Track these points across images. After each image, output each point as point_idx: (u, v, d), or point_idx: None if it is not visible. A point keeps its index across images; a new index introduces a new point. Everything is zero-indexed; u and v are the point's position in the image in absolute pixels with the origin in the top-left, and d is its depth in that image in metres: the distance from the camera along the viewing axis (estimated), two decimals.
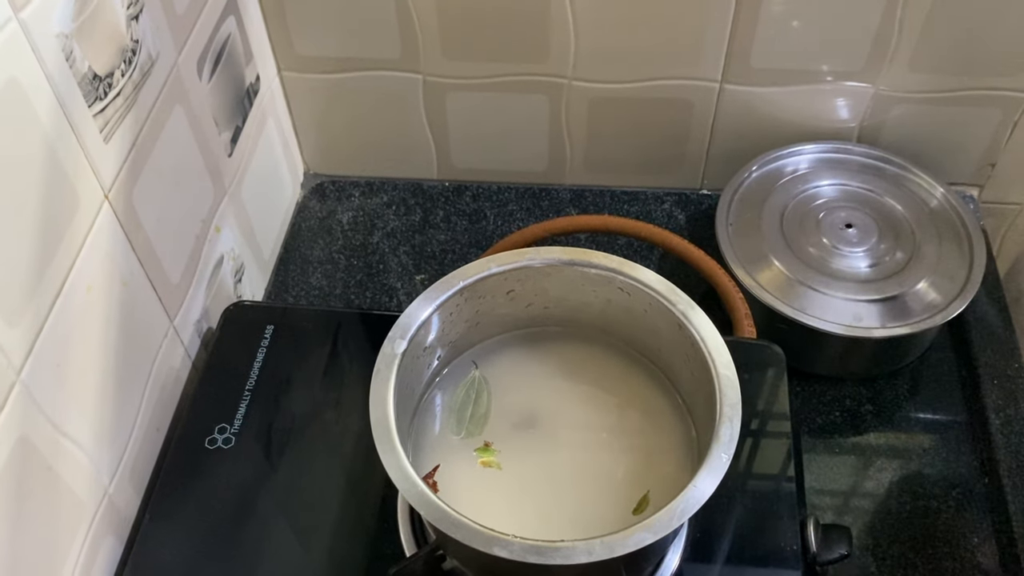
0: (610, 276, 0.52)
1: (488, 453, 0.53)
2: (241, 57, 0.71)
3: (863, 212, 0.74)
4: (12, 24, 0.44)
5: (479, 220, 0.85)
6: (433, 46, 0.76)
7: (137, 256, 0.57)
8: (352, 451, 0.60)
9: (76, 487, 0.52)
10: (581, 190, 0.87)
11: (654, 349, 0.55)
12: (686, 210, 0.85)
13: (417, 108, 0.82)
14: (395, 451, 0.46)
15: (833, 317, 0.68)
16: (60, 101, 0.48)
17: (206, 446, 0.60)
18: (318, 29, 0.76)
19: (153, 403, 0.60)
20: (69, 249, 0.50)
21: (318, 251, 0.83)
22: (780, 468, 0.59)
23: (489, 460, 0.53)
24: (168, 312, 0.62)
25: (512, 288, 0.54)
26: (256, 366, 0.63)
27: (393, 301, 0.79)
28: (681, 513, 0.43)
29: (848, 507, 0.67)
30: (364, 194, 0.87)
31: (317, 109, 0.83)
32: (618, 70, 0.77)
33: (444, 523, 0.43)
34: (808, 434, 0.70)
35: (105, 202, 0.53)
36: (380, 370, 0.49)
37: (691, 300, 0.50)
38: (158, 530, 0.57)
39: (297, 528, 0.57)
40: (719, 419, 0.46)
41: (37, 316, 0.47)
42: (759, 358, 0.63)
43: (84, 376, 0.52)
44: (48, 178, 0.47)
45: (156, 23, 0.57)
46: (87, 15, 0.49)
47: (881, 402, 0.72)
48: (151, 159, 0.58)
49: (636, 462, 0.52)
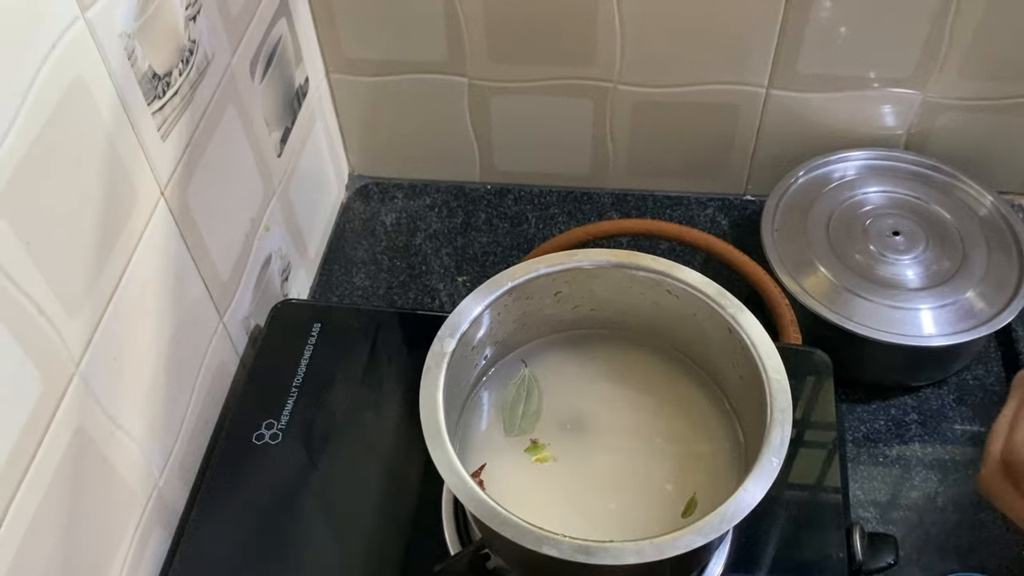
0: (658, 279, 0.53)
1: (539, 450, 0.53)
2: (291, 59, 0.72)
3: (911, 220, 0.73)
4: (79, 23, 0.45)
5: (521, 223, 0.86)
6: (480, 49, 0.77)
7: (190, 253, 0.58)
8: (396, 449, 0.61)
9: (129, 478, 0.53)
10: (623, 194, 0.87)
11: (701, 353, 0.54)
12: (729, 215, 0.84)
13: (461, 111, 0.82)
14: (445, 447, 0.46)
15: (879, 325, 0.68)
16: (121, 99, 0.49)
17: (253, 441, 0.60)
18: (366, 32, 0.77)
19: (202, 398, 0.61)
20: (127, 244, 0.51)
21: (362, 252, 0.84)
22: (826, 476, 0.59)
23: (543, 456, 0.53)
24: (218, 309, 0.63)
25: (560, 289, 0.55)
26: (303, 363, 0.64)
27: (435, 302, 0.80)
28: (731, 516, 0.43)
29: (892, 517, 0.66)
30: (407, 196, 0.88)
31: (363, 111, 0.84)
32: (664, 74, 0.77)
33: (494, 521, 0.44)
34: (852, 443, 0.70)
35: (161, 199, 0.54)
36: (430, 368, 0.50)
37: (741, 304, 0.50)
38: (206, 523, 0.58)
39: (341, 524, 0.58)
40: (769, 423, 0.46)
41: (95, 309, 0.48)
42: (805, 365, 0.63)
43: (138, 370, 0.53)
44: (109, 174, 0.48)
45: (212, 24, 0.58)
46: (149, 15, 0.50)
47: (926, 411, 0.71)
48: (205, 157, 0.59)
49: (682, 465, 0.52)
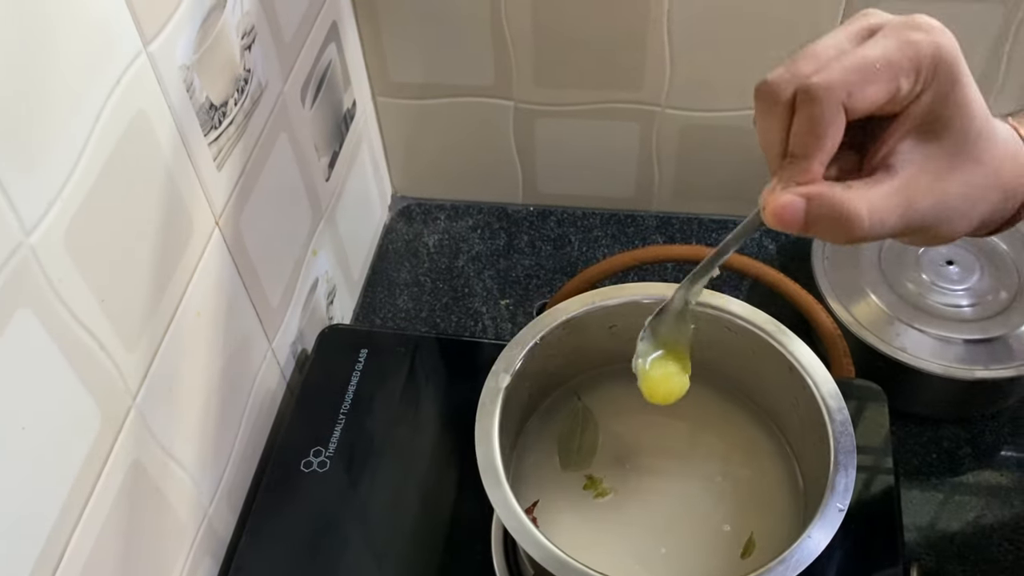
0: (716, 314, 0.52)
1: (597, 484, 0.53)
2: (340, 83, 0.72)
3: (965, 249, 0.72)
4: (141, 58, 0.45)
5: (564, 246, 0.85)
6: (526, 73, 0.76)
7: (242, 280, 0.58)
8: (444, 476, 0.60)
9: (180, 509, 0.53)
10: (668, 217, 0.86)
11: (759, 390, 0.54)
12: (776, 240, 0.83)
13: (506, 134, 0.82)
14: (502, 486, 0.46)
15: (932, 356, 0.67)
16: (180, 131, 0.49)
17: (301, 469, 0.60)
18: (412, 55, 0.77)
19: (251, 425, 0.61)
20: (183, 275, 0.51)
21: (404, 274, 0.83)
22: (882, 511, 0.58)
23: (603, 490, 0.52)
24: (267, 335, 0.63)
25: (615, 323, 0.54)
26: (351, 390, 0.64)
27: (478, 325, 0.79)
28: (796, 564, 0.42)
29: (947, 553, 0.65)
30: (450, 217, 0.88)
31: (407, 133, 0.84)
32: (712, 98, 0.76)
33: (552, 564, 0.43)
34: (904, 475, 0.69)
35: (216, 228, 0.54)
36: (485, 403, 0.49)
37: (802, 342, 0.49)
38: (254, 551, 0.57)
39: (390, 554, 0.57)
40: (833, 467, 0.45)
41: (152, 341, 0.48)
42: (859, 397, 0.62)
43: (190, 399, 0.53)
44: (167, 206, 0.48)
45: (266, 52, 0.58)
46: (207, 46, 0.50)
47: (980, 444, 0.70)
48: (257, 185, 0.59)
49: (740, 506, 0.52)
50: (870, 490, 0.59)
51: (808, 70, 0.36)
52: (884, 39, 0.37)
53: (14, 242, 0.37)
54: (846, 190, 0.37)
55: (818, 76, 0.36)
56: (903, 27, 0.37)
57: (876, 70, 0.36)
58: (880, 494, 0.59)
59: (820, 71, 0.36)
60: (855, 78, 0.36)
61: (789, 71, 0.37)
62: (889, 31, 0.37)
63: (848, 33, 0.38)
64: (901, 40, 0.36)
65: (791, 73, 0.37)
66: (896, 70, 0.36)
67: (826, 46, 0.37)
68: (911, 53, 0.36)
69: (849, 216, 0.36)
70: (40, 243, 0.38)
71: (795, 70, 0.37)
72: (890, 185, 0.37)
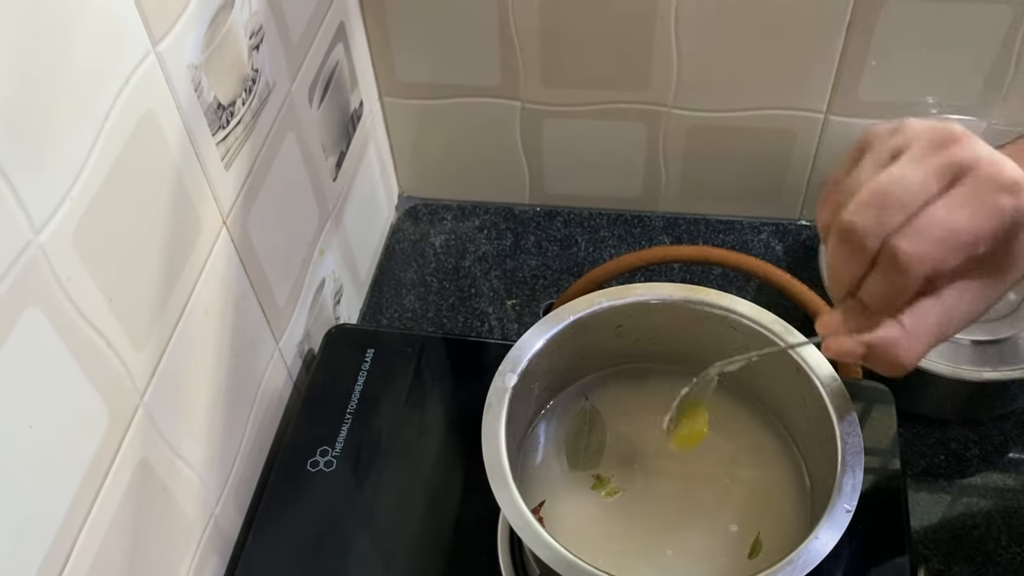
0: (723, 314, 0.52)
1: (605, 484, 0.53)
2: (347, 83, 0.72)
3: None
4: (150, 58, 0.45)
5: (570, 246, 0.85)
6: (533, 74, 0.76)
7: (249, 279, 0.58)
8: (451, 477, 0.60)
9: (187, 507, 0.53)
10: (675, 218, 0.86)
11: (766, 390, 0.54)
12: (784, 241, 0.83)
13: (513, 134, 0.82)
14: (508, 487, 0.46)
15: (940, 357, 0.66)
16: (188, 131, 0.49)
17: (308, 469, 0.60)
18: (419, 56, 0.77)
19: (258, 425, 0.61)
20: (191, 275, 0.51)
21: (411, 274, 0.83)
22: (889, 513, 0.58)
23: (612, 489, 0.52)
24: (274, 334, 0.63)
25: (621, 323, 0.54)
26: (357, 390, 0.64)
27: (485, 326, 0.79)
28: (803, 565, 0.42)
29: (953, 554, 0.65)
30: (456, 217, 0.88)
31: (414, 133, 0.84)
32: (720, 99, 0.76)
33: (559, 564, 0.43)
34: (911, 476, 0.68)
35: (223, 227, 0.54)
36: (491, 404, 0.49)
37: (809, 342, 0.49)
38: (260, 550, 0.57)
39: (396, 553, 0.57)
40: (840, 468, 0.45)
41: (160, 340, 0.48)
42: (866, 399, 0.62)
43: (198, 398, 0.53)
44: (175, 205, 0.49)
45: (274, 52, 0.58)
46: (215, 46, 0.51)
47: (988, 446, 0.70)
48: (265, 185, 0.59)
49: (747, 506, 0.51)
50: (877, 491, 0.59)
51: (896, 223, 0.36)
52: (975, 198, 0.36)
53: (23, 241, 0.37)
54: (900, 337, 0.39)
55: (909, 244, 0.36)
56: (992, 185, 0.36)
57: (963, 243, 0.36)
58: (887, 495, 0.58)
59: (910, 233, 0.36)
60: (943, 253, 0.36)
61: (879, 221, 0.36)
62: (978, 185, 0.36)
63: (934, 169, 0.37)
64: (990, 206, 0.36)
65: (880, 224, 0.36)
66: (981, 241, 0.37)
67: (912, 188, 0.36)
68: (996, 223, 0.36)
69: (900, 364, 0.40)
70: (49, 242, 0.38)
71: (884, 221, 0.36)
72: (934, 316, 0.39)
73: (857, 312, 0.40)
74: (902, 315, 0.39)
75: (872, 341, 0.39)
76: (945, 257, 0.36)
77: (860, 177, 0.38)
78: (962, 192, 0.36)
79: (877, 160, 0.38)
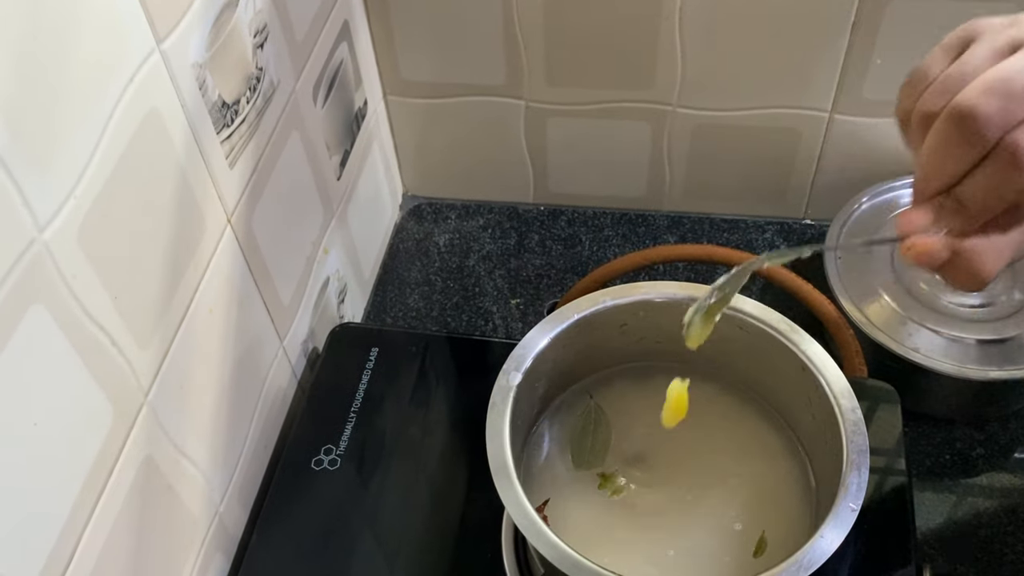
0: (728, 313, 0.51)
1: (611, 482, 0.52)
2: (351, 82, 0.72)
3: None
4: (155, 56, 0.45)
5: (574, 245, 0.85)
6: (538, 73, 0.76)
7: (254, 278, 0.58)
8: (455, 475, 0.60)
9: (192, 505, 0.53)
10: (679, 217, 0.86)
11: (771, 389, 0.53)
12: (788, 239, 0.83)
13: (517, 133, 0.82)
14: (513, 485, 0.46)
15: (945, 356, 0.66)
16: (192, 129, 0.49)
17: (312, 467, 0.60)
18: (424, 54, 0.77)
19: (262, 423, 0.61)
20: (195, 273, 0.51)
21: (415, 273, 0.83)
22: (894, 512, 0.58)
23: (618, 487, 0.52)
24: (279, 333, 0.63)
25: (626, 321, 0.54)
26: (361, 388, 0.64)
27: (488, 325, 0.79)
28: (808, 564, 0.42)
29: (959, 555, 0.64)
30: (460, 216, 0.88)
31: (418, 132, 0.84)
32: (724, 98, 0.76)
33: (564, 563, 0.43)
34: (916, 476, 0.68)
35: (228, 226, 0.54)
36: (495, 403, 0.49)
37: (814, 341, 0.49)
38: (265, 548, 0.57)
39: (400, 552, 0.57)
40: (846, 467, 0.45)
41: (164, 338, 0.48)
42: (871, 398, 0.62)
43: (202, 396, 0.53)
44: (179, 204, 0.49)
45: (278, 50, 0.58)
46: (220, 44, 0.51)
47: (993, 446, 0.70)
48: (269, 183, 0.59)
49: (751, 504, 0.51)
50: (883, 491, 0.59)
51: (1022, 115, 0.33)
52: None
53: (28, 239, 0.37)
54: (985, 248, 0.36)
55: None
56: None
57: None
58: (893, 495, 0.58)
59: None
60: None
61: (1005, 110, 0.33)
62: None
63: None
64: None
65: (1005, 114, 0.33)
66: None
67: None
68: None
69: (982, 277, 0.36)
70: (53, 240, 0.38)
71: (1011, 111, 0.33)
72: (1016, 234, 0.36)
73: (950, 211, 0.35)
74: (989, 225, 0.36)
75: (963, 247, 0.35)
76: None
77: (974, 64, 0.34)
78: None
79: (995, 49, 0.35)
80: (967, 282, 0.37)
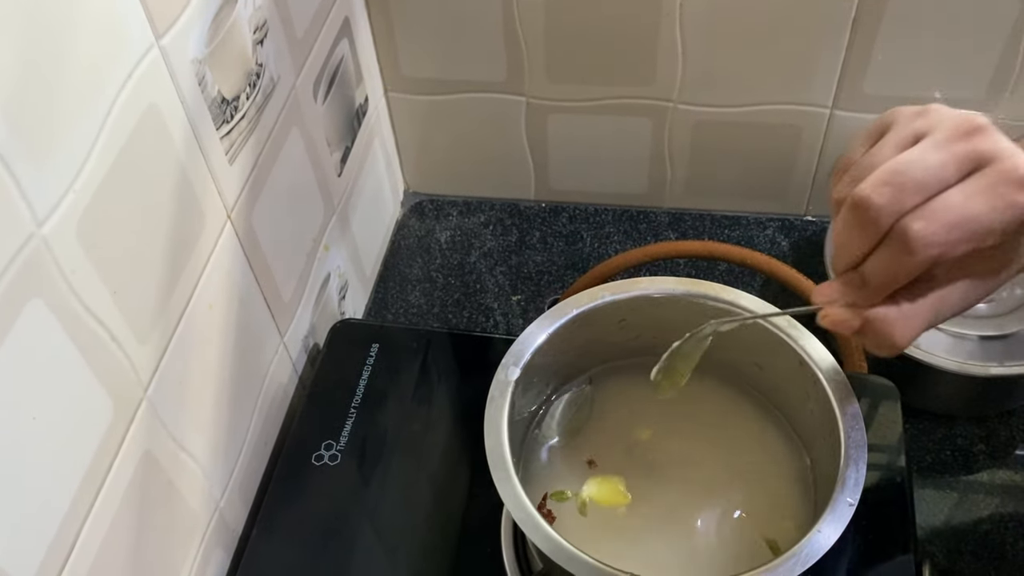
0: (726, 308, 0.52)
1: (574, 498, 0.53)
2: (352, 79, 0.72)
3: None
4: (154, 51, 0.45)
5: (575, 242, 0.85)
6: (539, 69, 0.76)
7: (254, 274, 0.58)
8: (455, 471, 0.60)
9: (192, 501, 0.53)
10: (680, 213, 0.86)
11: (770, 384, 0.53)
12: (789, 236, 0.83)
13: (518, 130, 0.82)
14: (511, 480, 0.46)
15: (946, 352, 0.66)
16: (192, 125, 0.49)
17: (313, 462, 0.60)
18: (425, 51, 0.77)
19: (263, 419, 0.61)
20: (195, 268, 0.51)
21: (416, 269, 0.84)
22: (894, 508, 0.57)
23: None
24: (279, 328, 0.63)
25: (624, 317, 0.54)
26: (362, 384, 0.64)
27: (490, 321, 0.79)
28: (805, 559, 0.42)
29: (959, 551, 0.64)
30: (461, 213, 0.88)
31: (419, 129, 0.84)
32: (725, 94, 0.76)
33: (560, 556, 0.43)
34: (917, 473, 0.68)
35: (228, 222, 0.54)
36: (494, 397, 0.49)
37: (812, 335, 0.49)
38: (265, 544, 0.58)
39: (401, 546, 0.58)
40: (843, 462, 0.45)
41: (164, 334, 0.49)
42: (872, 394, 0.62)
43: (202, 392, 0.53)
44: (179, 199, 0.49)
45: (278, 47, 0.58)
46: (219, 40, 0.51)
47: (995, 442, 0.69)
48: (269, 180, 0.59)
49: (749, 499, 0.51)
50: (883, 487, 0.59)
51: (911, 203, 0.36)
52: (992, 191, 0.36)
53: (26, 233, 0.37)
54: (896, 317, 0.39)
55: (922, 225, 0.36)
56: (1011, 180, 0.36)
57: (974, 233, 0.36)
58: (893, 491, 0.58)
59: (924, 216, 0.36)
60: (955, 239, 0.36)
61: (895, 199, 0.36)
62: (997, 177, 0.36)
63: (955, 157, 0.36)
64: (1006, 200, 0.36)
65: (896, 202, 0.36)
66: (991, 233, 0.36)
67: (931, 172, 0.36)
68: (1010, 218, 0.36)
69: (894, 343, 0.40)
70: (52, 234, 0.39)
71: (900, 200, 0.36)
72: (930, 302, 0.40)
73: (855, 286, 0.40)
74: (899, 296, 0.39)
75: (870, 316, 0.40)
76: (954, 244, 0.36)
77: (880, 154, 0.38)
78: (980, 183, 0.36)
79: (899, 140, 0.38)
80: (880, 347, 0.40)
